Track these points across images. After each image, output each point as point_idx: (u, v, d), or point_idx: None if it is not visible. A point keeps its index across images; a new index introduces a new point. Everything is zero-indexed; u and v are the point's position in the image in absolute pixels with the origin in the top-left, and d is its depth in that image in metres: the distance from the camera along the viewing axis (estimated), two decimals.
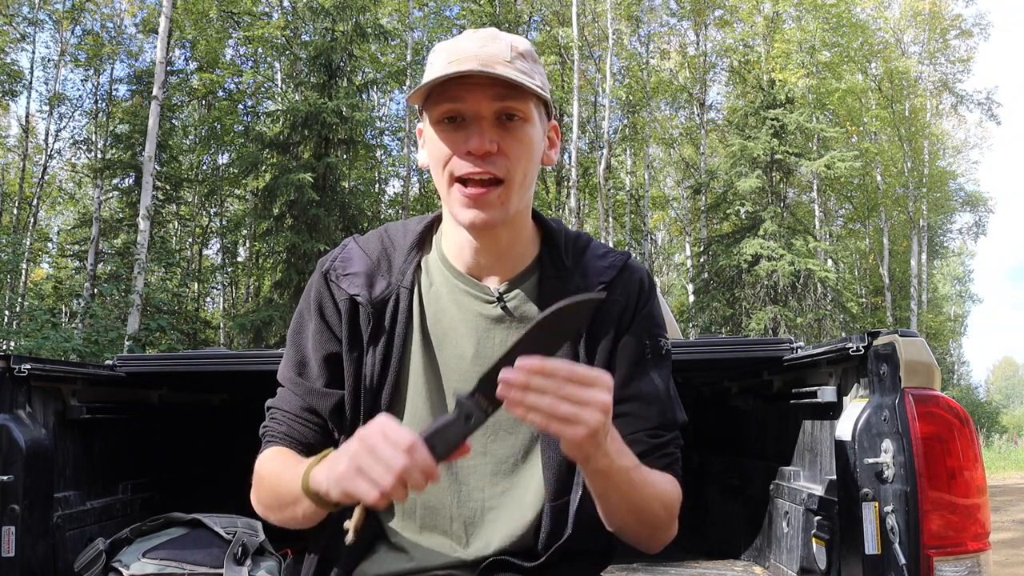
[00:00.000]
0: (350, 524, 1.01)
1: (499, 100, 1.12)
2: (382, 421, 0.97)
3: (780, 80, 19.77)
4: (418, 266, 1.26)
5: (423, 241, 1.29)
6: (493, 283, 1.24)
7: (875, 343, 1.66)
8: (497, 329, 1.22)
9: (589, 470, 1.06)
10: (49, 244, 23.80)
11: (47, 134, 20.47)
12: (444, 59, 1.15)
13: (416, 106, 1.20)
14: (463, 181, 1.14)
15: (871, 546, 1.55)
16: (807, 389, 2.02)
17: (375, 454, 0.93)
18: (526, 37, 21.73)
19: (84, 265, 18.53)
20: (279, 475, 1.16)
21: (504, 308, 1.22)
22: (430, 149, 1.18)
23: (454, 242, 1.24)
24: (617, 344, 1.23)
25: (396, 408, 1.21)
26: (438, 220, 1.30)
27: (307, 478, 1.06)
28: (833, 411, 1.92)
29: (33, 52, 19.78)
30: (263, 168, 15.90)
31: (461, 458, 1.15)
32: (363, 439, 0.95)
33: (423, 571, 1.20)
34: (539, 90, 1.14)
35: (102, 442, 2.26)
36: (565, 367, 0.92)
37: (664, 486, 1.18)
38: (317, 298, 1.25)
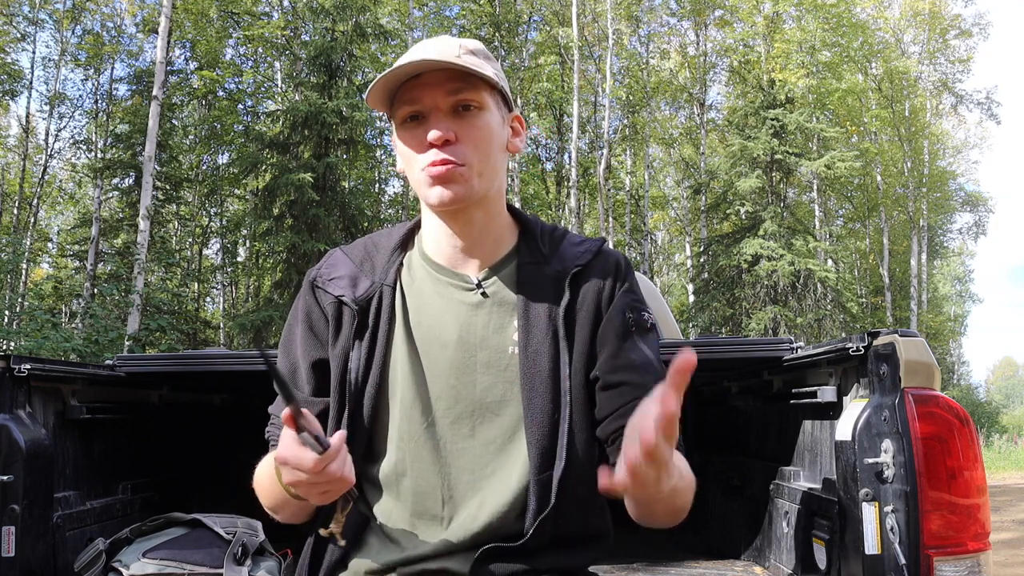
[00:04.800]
0: (333, 528, 1.14)
1: (453, 94, 1.20)
2: (281, 452, 1.05)
3: (780, 80, 19.76)
4: (400, 264, 1.32)
5: (406, 243, 1.35)
6: (472, 271, 1.29)
7: (875, 343, 1.66)
8: (478, 314, 1.27)
9: (644, 496, 1.11)
10: (49, 244, 23.82)
11: (47, 134, 20.48)
12: (398, 63, 1.21)
13: (387, 117, 1.28)
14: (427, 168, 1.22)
15: (871, 546, 1.55)
16: (807, 389, 2.02)
17: (300, 484, 1.06)
18: (526, 37, 21.81)
19: (84, 265, 18.53)
20: (270, 477, 1.23)
21: (483, 294, 1.27)
22: (399, 150, 1.27)
23: (433, 235, 1.31)
24: (600, 323, 1.27)
25: (382, 400, 1.26)
26: (419, 225, 1.37)
27: (283, 482, 1.14)
28: (833, 411, 1.92)
29: (33, 52, 19.82)
30: (263, 168, 15.89)
31: (451, 442, 1.24)
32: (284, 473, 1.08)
33: (415, 561, 1.22)
34: (490, 77, 1.21)
35: (102, 442, 2.26)
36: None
37: (688, 472, 1.20)
38: (305, 308, 1.32)
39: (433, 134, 1.18)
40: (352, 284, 1.29)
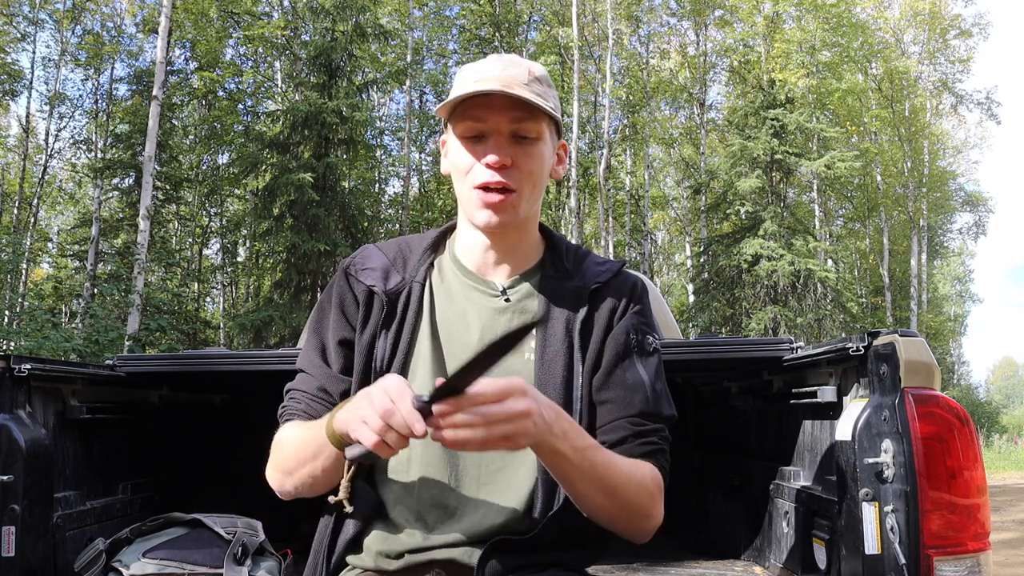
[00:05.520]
0: (341, 496, 1.15)
1: (516, 121, 1.27)
2: (385, 377, 1.09)
3: (780, 80, 19.75)
4: (431, 265, 1.39)
5: (437, 245, 1.43)
6: (499, 279, 1.37)
7: (875, 343, 1.66)
8: (500, 319, 1.34)
9: (541, 453, 1.14)
10: (49, 244, 23.81)
11: (47, 134, 20.49)
12: (470, 78, 1.29)
13: (442, 119, 1.35)
14: (481, 188, 1.28)
15: (871, 546, 1.55)
16: (807, 389, 2.02)
17: (370, 400, 1.05)
18: (526, 37, 21.80)
19: (84, 265, 18.53)
20: (302, 433, 1.26)
21: (507, 301, 1.35)
22: (453, 159, 1.33)
23: (467, 242, 1.38)
24: (607, 337, 1.33)
25: None
26: (450, 228, 1.45)
27: (331, 422, 1.16)
28: (833, 411, 1.92)
29: (33, 52, 19.82)
30: (263, 168, 15.89)
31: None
32: (366, 391, 1.08)
33: (424, 550, 1.25)
34: (552, 111, 1.28)
35: (102, 442, 2.26)
36: (472, 394, 1.01)
37: (635, 469, 1.23)
38: (339, 292, 1.38)
39: (492, 158, 1.26)
40: (384, 277, 1.35)
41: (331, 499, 1.20)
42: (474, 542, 1.24)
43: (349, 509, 1.19)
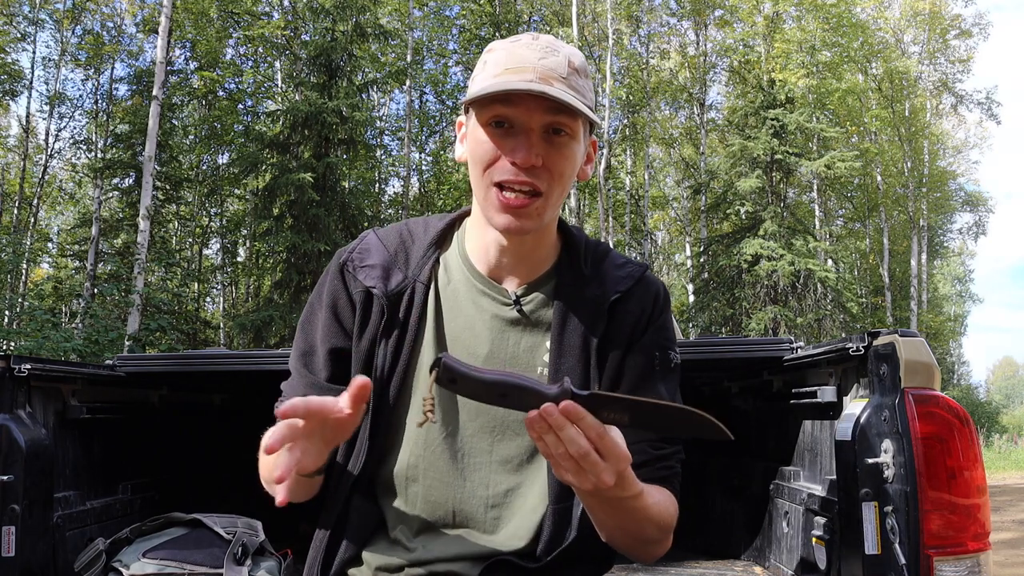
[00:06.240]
0: (427, 412, 1.05)
1: (551, 115, 1.13)
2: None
3: (780, 80, 19.75)
4: (436, 262, 1.27)
5: (443, 238, 1.30)
6: (511, 285, 1.25)
7: (875, 343, 1.66)
8: (512, 331, 1.24)
9: (581, 493, 1.09)
10: (49, 244, 23.80)
11: (47, 134, 20.49)
12: (502, 63, 1.15)
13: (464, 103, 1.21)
14: (502, 186, 1.15)
15: (871, 546, 1.55)
16: (807, 389, 2.02)
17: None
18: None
19: (84, 265, 18.52)
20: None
21: (520, 311, 1.24)
22: (474, 148, 1.18)
23: (478, 242, 1.25)
24: (628, 353, 1.24)
25: (404, 400, 1.23)
26: (459, 218, 1.32)
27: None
28: (833, 411, 1.92)
29: (34, 52, 19.82)
30: (263, 168, 15.89)
31: (468, 455, 1.19)
32: None
33: (424, 563, 1.20)
34: (590, 112, 1.15)
35: (102, 442, 2.26)
36: (596, 430, 0.94)
37: (660, 507, 1.18)
38: (332, 292, 1.26)
39: (521, 156, 1.12)
40: (384, 276, 1.24)
41: (418, 424, 1.12)
42: (476, 559, 1.20)
43: (433, 420, 1.12)
